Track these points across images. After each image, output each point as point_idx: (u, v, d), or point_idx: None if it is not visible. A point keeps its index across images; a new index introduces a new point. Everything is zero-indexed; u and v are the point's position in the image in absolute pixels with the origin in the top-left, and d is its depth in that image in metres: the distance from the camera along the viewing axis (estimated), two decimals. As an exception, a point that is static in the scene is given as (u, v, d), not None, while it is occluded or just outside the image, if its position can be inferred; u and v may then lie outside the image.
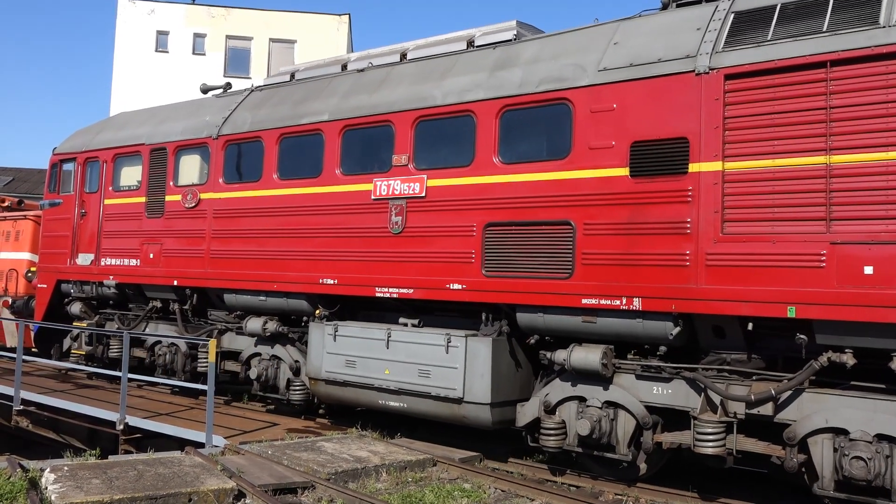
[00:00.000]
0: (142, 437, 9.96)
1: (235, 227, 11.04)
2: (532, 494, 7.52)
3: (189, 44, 35.22)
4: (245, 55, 35.27)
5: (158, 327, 12.69)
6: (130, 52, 34.87)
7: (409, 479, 7.83)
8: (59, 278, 13.99)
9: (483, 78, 8.81)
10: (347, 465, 7.84)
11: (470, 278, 8.54)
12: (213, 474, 7.19)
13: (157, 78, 34.07)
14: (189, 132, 11.97)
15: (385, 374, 9.14)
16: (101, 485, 6.64)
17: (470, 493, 7.36)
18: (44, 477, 6.96)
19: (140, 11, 35.26)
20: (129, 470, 7.18)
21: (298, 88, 11.10)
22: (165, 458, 7.94)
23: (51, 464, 7.58)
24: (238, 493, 6.86)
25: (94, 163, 13.57)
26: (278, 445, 8.67)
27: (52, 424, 11.78)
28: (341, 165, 9.91)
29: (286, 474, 7.43)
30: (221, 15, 35.50)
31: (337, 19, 35.94)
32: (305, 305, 10.33)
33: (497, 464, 8.85)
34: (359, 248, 9.57)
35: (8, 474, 7.19)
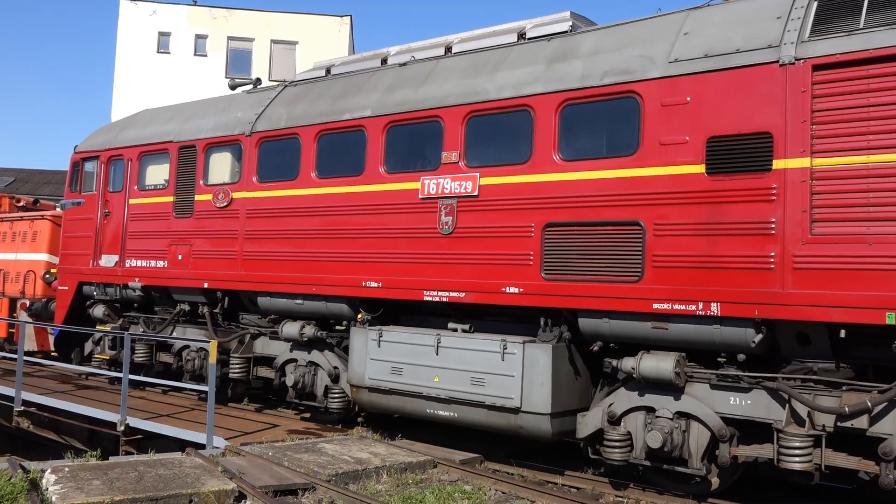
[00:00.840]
0: (142, 438, 9.94)
1: (270, 227, 10.61)
2: (532, 496, 7.47)
3: (191, 45, 35.20)
4: (246, 56, 35.22)
5: (186, 331, 12.26)
6: (132, 54, 34.91)
7: (410, 481, 7.81)
8: (80, 280, 13.57)
9: (540, 71, 8.38)
10: (348, 466, 7.81)
11: (528, 281, 8.10)
12: (213, 475, 7.18)
13: (158, 79, 34.11)
14: (220, 129, 11.55)
15: (434, 381, 8.70)
16: (102, 486, 6.63)
17: (470, 495, 7.33)
18: (45, 478, 6.95)
19: (142, 12, 35.30)
20: (130, 471, 7.17)
21: (336, 83, 10.67)
22: (166, 459, 7.92)
23: (52, 465, 7.57)
24: (239, 495, 6.85)
25: (118, 161, 13.15)
26: (279, 447, 8.64)
27: (52, 425, 11.74)
28: (385, 163, 9.48)
29: (287, 476, 7.43)
30: (223, 16, 35.51)
31: (339, 20, 35.95)
32: (346, 309, 9.89)
33: (497, 465, 8.78)
34: (405, 250, 9.14)
35: (9, 475, 7.17)
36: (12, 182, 41.25)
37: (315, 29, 35.23)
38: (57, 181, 42.14)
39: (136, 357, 12.64)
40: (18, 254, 17.05)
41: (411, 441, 9.45)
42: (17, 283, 16.74)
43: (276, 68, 34.40)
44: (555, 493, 7.55)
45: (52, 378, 13.72)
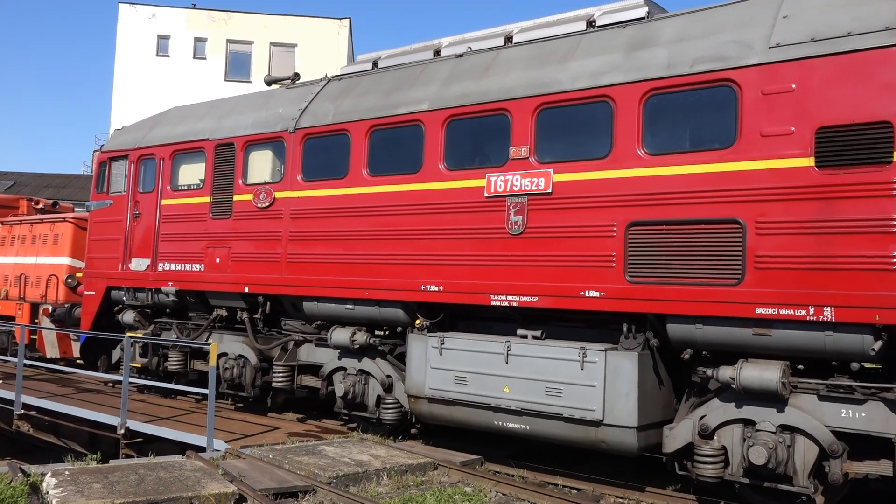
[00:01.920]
0: (143, 441, 9.90)
1: (317, 228, 10.06)
2: (533, 498, 7.42)
3: (190, 48, 35.32)
4: (246, 59, 35.38)
5: (223, 338, 11.70)
6: (131, 57, 34.98)
7: (411, 483, 7.77)
8: (109, 285, 13.01)
9: (619, 59, 7.84)
10: (348, 468, 7.76)
11: (610, 284, 7.55)
12: (214, 478, 7.13)
13: (158, 82, 34.23)
14: (260, 126, 11.00)
15: (504, 392, 8.15)
16: (103, 489, 6.61)
17: (471, 497, 7.28)
18: (45, 481, 6.93)
19: (141, 16, 35.38)
20: (131, 474, 7.14)
21: (386, 76, 10.13)
22: (166, 462, 7.89)
23: (52, 468, 7.55)
24: (239, 498, 6.81)
25: (148, 161, 12.60)
26: (279, 449, 8.58)
27: (52, 429, 11.71)
28: (445, 159, 8.93)
29: (287, 478, 7.38)
30: (222, 19, 35.63)
31: (337, 23, 36.06)
32: (401, 315, 9.34)
33: (498, 467, 8.71)
34: (469, 251, 8.59)
35: (9, 479, 7.14)
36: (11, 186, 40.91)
37: (314, 31, 35.39)
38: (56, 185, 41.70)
39: (169, 365, 12.09)
40: (39, 257, 16.50)
41: (412, 442, 9.47)
42: (38, 287, 16.19)
43: (275, 71, 32.74)
44: (555, 495, 7.47)
45: (52, 381, 13.57)
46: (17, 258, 17.04)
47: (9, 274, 17.20)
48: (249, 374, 11.14)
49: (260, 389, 11.17)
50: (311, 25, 35.72)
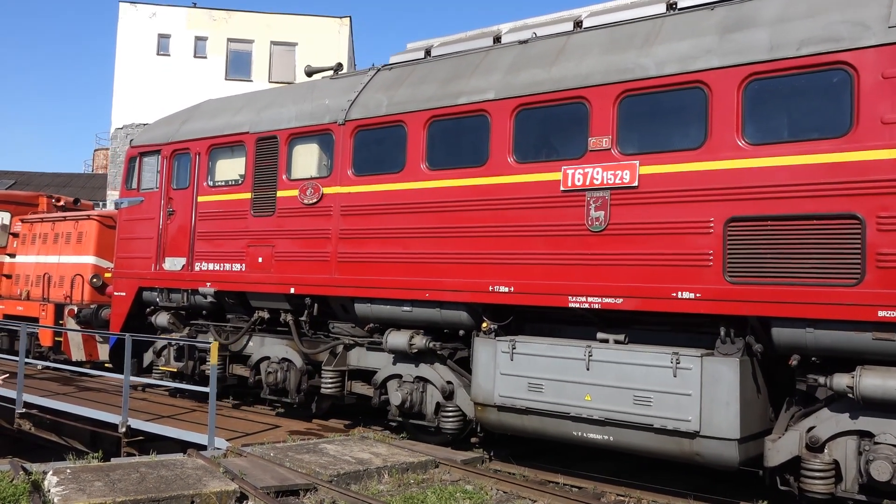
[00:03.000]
0: (144, 439, 9.90)
1: (370, 225, 9.50)
2: (534, 496, 7.39)
3: (190, 47, 35.17)
4: (246, 58, 35.23)
5: (264, 341, 11.15)
6: (132, 56, 34.88)
7: (412, 481, 7.76)
8: (140, 285, 12.45)
9: (712, 42, 7.27)
10: (349, 467, 7.77)
11: (707, 285, 6.98)
12: (215, 476, 7.16)
13: (158, 81, 34.15)
14: (305, 118, 10.44)
15: (585, 400, 7.58)
16: (104, 487, 6.62)
17: (472, 495, 7.26)
18: (46, 479, 6.94)
19: (141, 15, 35.27)
20: (132, 472, 7.17)
21: (442, 65, 9.56)
22: (168, 460, 7.90)
23: (53, 466, 7.57)
24: (240, 496, 6.82)
25: (183, 155, 12.03)
26: (280, 447, 8.60)
27: (54, 427, 11.68)
28: (514, 151, 8.37)
29: (288, 476, 7.40)
30: (223, 18, 35.50)
31: (338, 22, 35.90)
32: (465, 317, 8.78)
33: (499, 465, 8.67)
34: (543, 250, 8.03)
35: (11, 477, 7.15)
36: (13, 185, 40.59)
37: (314, 30, 35.24)
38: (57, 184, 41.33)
39: (206, 369, 11.53)
40: (62, 256, 15.95)
41: (413, 441, 9.44)
42: (62, 287, 15.63)
43: (275, 70, 34.55)
44: (556, 493, 7.45)
45: (53, 380, 13.55)
46: (39, 257, 16.49)
47: (30, 273, 16.65)
48: (294, 379, 10.59)
49: (305, 394, 10.62)
50: (312, 24, 35.61)
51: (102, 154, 45.03)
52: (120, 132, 35.15)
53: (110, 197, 33.55)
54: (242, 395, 12.46)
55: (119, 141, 35.26)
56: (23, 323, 13.78)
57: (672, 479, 7.89)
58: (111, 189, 35.14)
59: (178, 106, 35.41)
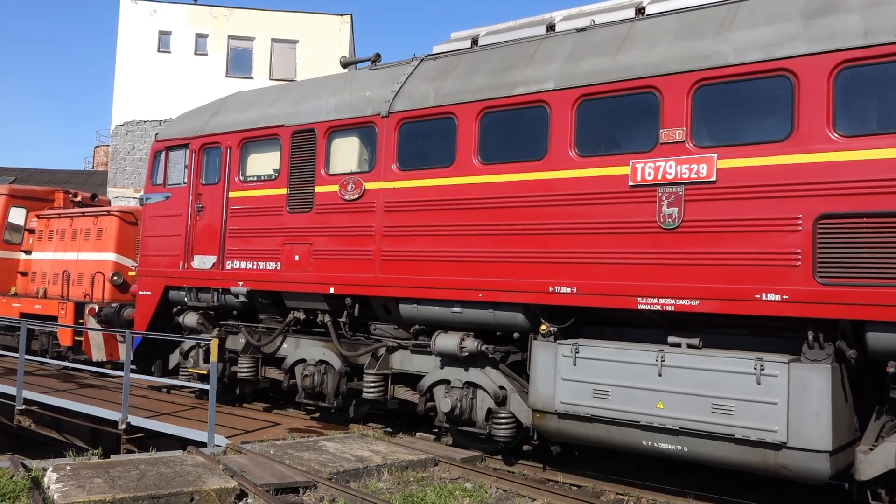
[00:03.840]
0: (144, 436, 9.90)
1: (417, 222, 9.06)
2: (533, 494, 7.39)
3: (191, 44, 35.17)
4: (247, 55, 35.24)
5: (300, 343, 10.71)
6: (133, 53, 34.88)
7: (411, 479, 7.76)
8: (167, 284, 12.01)
9: (797, 28, 6.82)
10: (349, 464, 7.78)
11: (795, 286, 6.54)
12: (215, 474, 7.17)
13: (159, 78, 34.22)
14: (345, 110, 9.99)
15: (657, 408, 7.14)
16: (104, 484, 6.61)
17: (471, 493, 7.27)
18: (46, 476, 6.93)
19: (142, 12, 35.26)
20: (132, 469, 7.17)
21: (493, 54, 9.12)
22: (167, 457, 7.90)
23: (53, 463, 7.57)
24: (240, 493, 6.83)
25: (213, 149, 11.59)
26: (280, 445, 8.60)
27: (54, 424, 11.68)
28: (577, 145, 7.93)
29: (288, 474, 7.40)
30: (223, 15, 35.51)
31: (339, 19, 35.93)
32: (521, 319, 8.34)
33: (499, 463, 8.69)
34: (609, 248, 7.59)
35: (10, 473, 7.15)
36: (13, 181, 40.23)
37: (315, 28, 35.26)
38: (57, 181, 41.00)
39: (239, 371, 11.11)
40: (81, 253, 15.51)
41: (412, 439, 9.49)
42: (81, 285, 15.19)
43: (276, 67, 34.60)
44: (556, 491, 7.45)
45: (53, 377, 13.54)
46: (57, 254, 16.05)
47: (47, 271, 16.22)
48: (332, 382, 10.15)
49: (342, 398, 10.19)
50: (313, 22, 35.60)
51: (103, 151, 44.92)
52: (120, 129, 35.10)
53: (111, 194, 33.23)
54: (272, 398, 12.04)
55: (119, 138, 35.10)
56: (23, 320, 13.57)
57: (672, 479, 7.91)
58: (112, 186, 34.88)
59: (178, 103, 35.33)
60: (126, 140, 35.29)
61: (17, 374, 11.62)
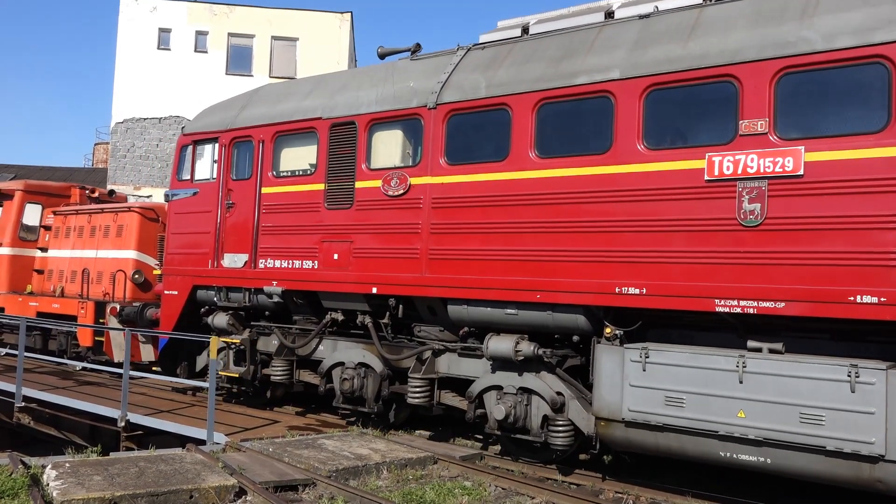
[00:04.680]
0: (143, 434, 9.88)
1: (468, 219, 8.62)
2: (533, 492, 7.37)
3: (191, 41, 35.03)
4: (247, 53, 35.11)
5: (337, 345, 10.26)
6: (133, 50, 34.77)
7: (410, 477, 7.75)
8: (195, 284, 11.56)
9: (891, 11, 6.37)
10: (348, 462, 7.77)
11: (894, 288, 6.09)
12: (214, 471, 7.16)
13: (159, 75, 34.15)
14: (387, 101, 9.55)
15: (738, 417, 6.70)
16: (103, 481, 6.61)
17: (471, 491, 7.26)
18: (45, 473, 6.93)
19: (142, 9, 35.14)
20: (131, 467, 7.17)
21: (548, 43, 8.67)
22: (167, 455, 7.91)
23: (52, 460, 7.56)
24: (239, 490, 6.82)
25: (244, 143, 11.14)
26: (279, 443, 8.60)
27: (53, 421, 11.68)
28: (645, 137, 7.48)
29: (287, 472, 7.39)
30: (223, 13, 35.34)
31: (339, 17, 35.79)
32: (582, 322, 7.90)
33: (498, 461, 8.69)
34: (682, 247, 7.15)
35: (10, 471, 7.15)
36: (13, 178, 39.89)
37: (316, 25, 35.13)
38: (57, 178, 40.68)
39: (273, 374, 10.67)
40: (100, 251, 15.07)
41: (412, 437, 9.45)
42: (101, 284, 14.74)
43: (276, 65, 34.44)
44: (555, 490, 7.43)
45: (53, 374, 13.51)
46: (74, 251, 15.60)
47: (64, 269, 15.77)
48: (372, 386, 9.71)
49: (382, 403, 9.75)
50: (313, 19, 35.40)
51: (102, 148, 44.80)
52: (120, 126, 34.94)
53: (111, 193, 32.89)
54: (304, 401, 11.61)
55: (119, 135, 34.88)
56: (22, 317, 13.33)
57: (669, 476, 7.92)
58: (111, 183, 34.47)
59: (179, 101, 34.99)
60: (126, 137, 35.05)
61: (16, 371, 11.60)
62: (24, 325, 12.26)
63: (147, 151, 35.01)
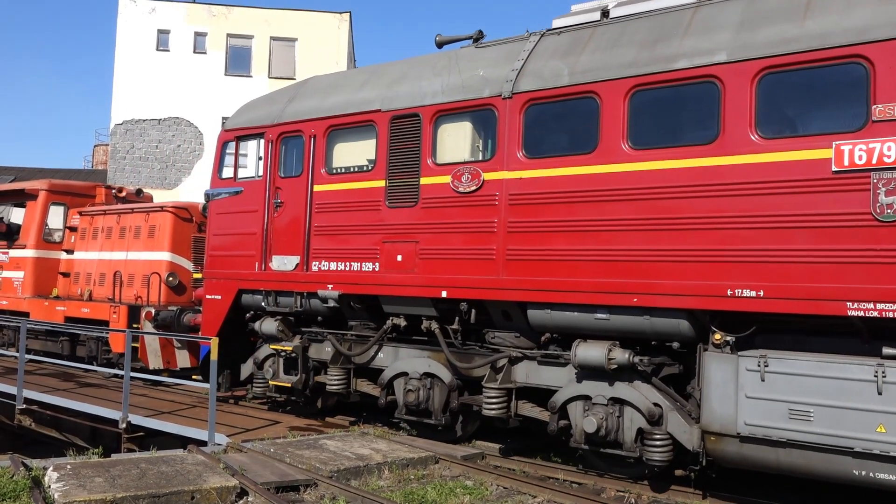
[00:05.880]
0: (144, 435, 9.85)
1: (550, 217, 7.99)
2: (534, 491, 7.33)
3: (190, 42, 35.16)
4: (246, 54, 35.19)
5: (398, 353, 9.63)
6: (132, 51, 34.77)
7: (412, 477, 7.72)
8: (241, 287, 10.93)
9: None
10: (350, 462, 7.73)
11: None
12: (215, 472, 7.14)
13: (158, 77, 34.12)
14: (455, 91, 8.92)
15: (877, 433, 6.07)
16: (104, 483, 6.60)
17: (472, 491, 7.23)
18: (47, 475, 6.92)
19: (141, 10, 35.18)
20: (132, 468, 7.17)
21: (636, 26, 8.04)
22: (168, 456, 7.88)
23: (54, 462, 7.55)
24: (241, 491, 6.81)
25: (293, 139, 10.51)
26: (280, 443, 8.56)
27: (54, 423, 11.68)
28: (758, 125, 6.85)
29: (289, 472, 7.35)
30: (222, 13, 35.45)
31: (338, 17, 35.84)
32: (684, 327, 7.27)
33: (499, 461, 8.64)
34: (805, 245, 6.51)
35: (11, 473, 7.14)
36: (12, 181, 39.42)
37: (314, 26, 35.12)
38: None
39: (329, 384, 10.04)
40: (130, 252, 14.44)
41: (412, 437, 9.36)
42: (132, 287, 14.11)
43: (275, 66, 34.56)
44: (556, 489, 7.38)
45: (53, 376, 13.45)
46: (103, 253, 14.96)
47: (92, 271, 15.13)
48: (439, 397, 9.09)
49: (449, 415, 9.12)
50: (312, 20, 35.41)
51: (102, 150, 44.61)
52: (119, 128, 34.77)
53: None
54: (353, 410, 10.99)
55: (118, 137, 34.58)
56: (22, 319, 12.95)
57: (671, 476, 7.79)
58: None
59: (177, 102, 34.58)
60: (125, 139, 34.77)
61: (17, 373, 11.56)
62: (24, 327, 12.21)
63: (146, 153, 34.72)
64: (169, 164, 34.85)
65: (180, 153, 34.88)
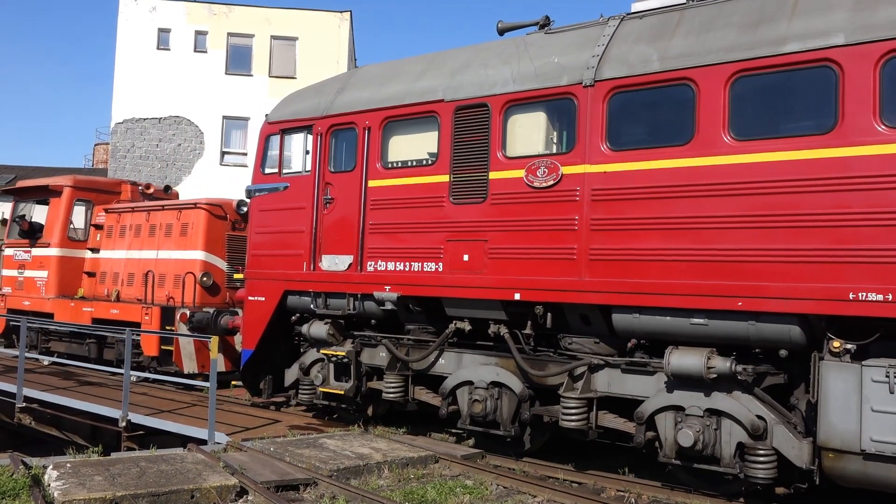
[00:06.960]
0: (144, 434, 9.86)
1: (640, 214, 7.40)
2: (534, 491, 7.30)
3: (190, 41, 34.82)
4: (247, 53, 34.86)
5: (462, 359, 9.04)
6: (132, 50, 34.50)
7: (412, 476, 7.72)
8: (287, 289, 10.34)
9: None
10: (350, 461, 7.74)
11: None
12: (215, 471, 7.15)
13: (159, 75, 33.88)
14: (528, 80, 8.33)
15: None
16: (104, 482, 6.60)
17: (472, 490, 7.22)
18: (46, 474, 6.91)
19: (141, 9, 34.80)
20: (132, 467, 7.17)
21: (732, 7, 7.44)
22: (168, 455, 7.89)
23: (53, 461, 7.55)
24: (240, 490, 6.80)
25: (344, 131, 9.92)
26: (280, 442, 8.55)
27: (54, 421, 11.68)
28: (883, 113, 6.25)
29: (288, 471, 7.36)
30: (223, 12, 35.09)
31: (338, 16, 35.39)
32: (796, 333, 6.67)
33: (499, 460, 8.57)
34: (943, 244, 5.91)
35: (11, 471, 7.14)
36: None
37: (315, 25, 34.83)
38: None
39: (385, 391, 9.45)
40: (161, 251, 13.86)
41: (413, 436, 9.36)
42: (164, 287, 13.53)
43: (276, 65, 34.29)
44: (556, 488, 7.35)
45: (54, 375, 13.38)
46: (131, 252, 14.37)
47: (119, 271, 14.54)
48: (508, 407, 8.49)
49: (518, 427, 8.53)
50: (312, 19, 34.94)
51: (102, 149, 44.49)
52: (120, 127, 34.53)
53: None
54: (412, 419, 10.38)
55: (119, 136, 34.29)
56: (23, 318, 12.65)
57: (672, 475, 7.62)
58: (110, 184, 33.74)
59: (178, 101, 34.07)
60: (126, 138, 34.44)
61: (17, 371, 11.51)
62: (24, 325, 12.11)
63: (147, 152, 34.38)
64: (169, 162, 34.45)
65: (181, 152, 34.48)
